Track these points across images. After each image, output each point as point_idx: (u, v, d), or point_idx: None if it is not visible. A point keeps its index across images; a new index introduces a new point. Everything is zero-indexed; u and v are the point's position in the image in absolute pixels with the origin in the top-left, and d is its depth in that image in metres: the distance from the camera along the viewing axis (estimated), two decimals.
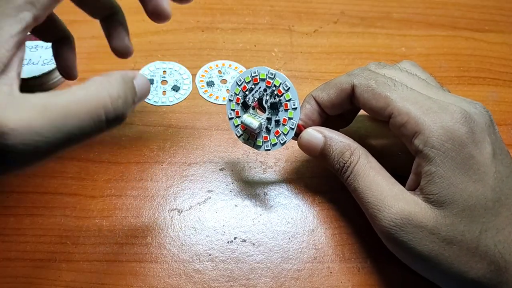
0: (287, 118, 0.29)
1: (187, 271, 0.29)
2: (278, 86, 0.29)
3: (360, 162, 0.28)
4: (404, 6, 0.46)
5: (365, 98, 0.28)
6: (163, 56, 0.41)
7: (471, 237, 0.24)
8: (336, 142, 0.29)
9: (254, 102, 0.30)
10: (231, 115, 0.31)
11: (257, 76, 0.30)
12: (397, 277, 0.30)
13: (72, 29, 0.37)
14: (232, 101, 0.31)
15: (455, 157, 0.24)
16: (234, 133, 0.31)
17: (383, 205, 0.26)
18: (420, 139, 0.25)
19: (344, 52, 0.42)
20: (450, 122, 0.25)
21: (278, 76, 0.29)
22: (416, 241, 0.25)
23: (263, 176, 0.34)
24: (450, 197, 0.24)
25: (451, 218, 0.24)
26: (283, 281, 0.29)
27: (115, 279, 0.29)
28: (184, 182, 0.33)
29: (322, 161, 0.30)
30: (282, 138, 0.29)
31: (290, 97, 0.29)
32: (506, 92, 0.40)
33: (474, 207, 0.24)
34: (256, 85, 0.30)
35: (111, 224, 0.31)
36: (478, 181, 0.25)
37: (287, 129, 0.29)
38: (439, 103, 0.26)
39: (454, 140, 0.25)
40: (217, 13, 0.44)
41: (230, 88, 0.31)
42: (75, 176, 0.33)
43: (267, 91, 0.29)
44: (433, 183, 0.25)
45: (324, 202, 0.33)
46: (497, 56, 0.43)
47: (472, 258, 0.24)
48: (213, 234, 0.31)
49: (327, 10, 0.45)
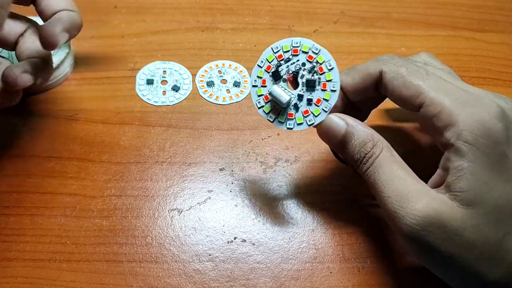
0: (322, 99, 0.27)
1: (187, 271, 0.29)
2: (321, 63, 0.27)
3: (383, 155, 0.26)
4: (404, 6, 0.46)
5: (394, 86, 0.26)
6: (163, 56, 0.41)
7: (495, 240, 0.23)
8: (358, 131, 0.26)
9: (288, 74, 0.27)
10: (255, 82, 0.28)
11: (299, 47, 0.27)
12: (397, 277, 0.30)
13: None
14: (262, 68, 0.28)
15: (489, 153, 0.23)
16: (254, 103, 0.28)
17: (406, 200, 0.24)
18: (453, 132, 0.24)
19: (344, 52, 0.42)
20: (487, 116, 0.23)
21: (322, 52, 0.27)
22: (438, 243, 0.23)
23: (263, 176, 0.34)
24: (480, 196, 0.23)
25: (477, 219, 0.23)
26: (283, 281, 0.29)
27: (115, 279, 0.29)
28: (184, 182, 0.33)
29: (340, 150, 0.28)
30: (310, 119, 0.27)
31: (332, 78, 0.27)
32: (506, 92, 0.40)
33: (502, 208, 0.23)
34: (294, 57, 0.27)
35: (111, 224, 0.31)
36: (508, 182, 0.23)
37: (319, 111, 0.27)
38: (474, 96, 0.24)
39: (490, 136, 0.23)
40: (217, 13, 0.44)
41: (263, 53, 0.28)
42: (75, 176, 0.33)
43: (305, 66, 0.27)
44: (463, 179, 0.23)
45: (324, 202, 0.33)
46: (497, 56, 0.43)
47: (493, 261, 0.23)
48: (213, 234, 0.31)
49: (327, 10, 0.45)
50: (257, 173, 0.34)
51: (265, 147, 0.35)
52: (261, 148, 0.35)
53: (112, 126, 0.36)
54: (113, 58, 0.40)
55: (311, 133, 0.36)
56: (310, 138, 0.36)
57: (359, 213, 0.32)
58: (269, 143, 0.36)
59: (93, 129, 0.36)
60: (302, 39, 0.27)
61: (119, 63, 0.40)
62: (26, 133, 0.35)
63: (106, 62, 0.40)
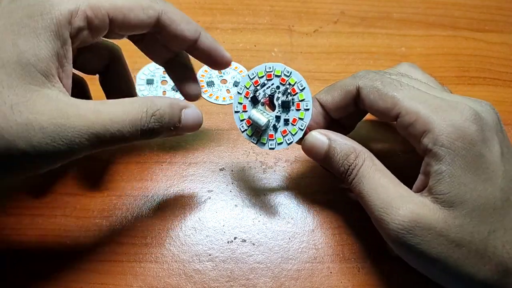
0: (297, 118, 0.28)
1: (187, 271, 0.29)
2: (293, 85, 0.28)
3: (365, 165, 0.27)
4: (404, 6, 0.46)
5: (371, 100, 0.27)
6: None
7: (480, 238, 0.24)
8: (340, 145, 0.28)
9: (265, 98, 0.29)
10: (237, 108, 0.30)
11: (272, 72, 0.29)
12: (397, 277, 0.30)
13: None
14: (241, 94, 0.30)
15: (465, 155, 0.24)
16: (238, 127, 0.30)
17: (390, 207, 0.25)
18: (429, 138, 0.25)
19: (344, 52, 0.42)
20: (460, 120, 0.24)
21: (294, 74, 0.28)
22: (425, 244, 0.24)
23: (263, 176, 0.34)
24: (460, 196, 0.24)
25: (460, 219, 0.24)
26: (283, 281, 0.29)
27: (115, 279, 0.29)
28: (184, 182, 0.33)
29: (326, 164, 0.29)
30: (289, 138, 0.29)
31: (304, 98, 0.28)
32: (506, 92, 0.40)
33: (484, 207, 0.24)
34: (269, 81, 0.29)
35: (111, 224, 0.31)
36: (487, 180, 0.24)
37: (296, 130, 0.28)
38: (448, 102, 0.25)
39: (465, 139, 0.24)
40: (217, 13, 0.44)
41: (241, 80, 0.30)
42: (75, 176, 0.33)
43: (280, 89, 0.29)
44: (443, 182, 0.24)
45: (324, 202, 0.33)
46: (497, 56, 0.43)
47: (481, 259, 0.24)
48: (213, 234, 0.31)
49: (327, 10, 0.45)
50: (257, 173, 0.34)
51: None
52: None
53: None
54: None
55: None
56: None
57: (359, 213, 0.32)
58: None
59: None
60: (275, 63, 0.29)
61: None
62: None
63: None
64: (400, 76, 0.28)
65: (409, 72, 0.30)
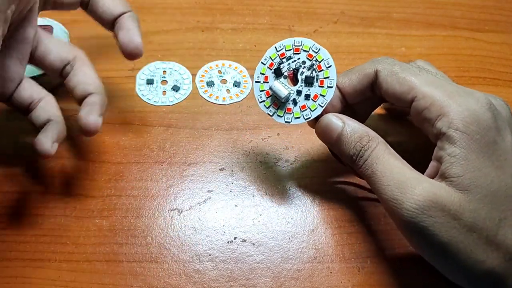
0: (319, 95, 0.28)
1: (187, 271, 0.29)
2: (320, 61, 0.28)
3: (379, 147, 0.27)
4: (404, 6, 0.46)
5: (388, 83, 0.27)
6: (163, 56, 0.41)
7: (491, 224, 0.24)
8: (354, 128, 0.28)
9: (289, 71, 0.29)
10: (258, 78, 0.30)
11: (300, 46, 0.29)
12: (397, 277, 0.30)
13: (72, 29, 0.37)
14: (265, 65, 0.30)
15: (479, 140, 0.24)
16: (256, 97, 0.30)
17: (406, 186, 0.25)
18: (444, 121, 0.25)
19: (344, 52, 0.42)
20: (476, 105, 0.25)
21: (322, 51, 0.28)
22: (437, 227, 0.24)
23: (263, 176, 0.34)
24: (475, 180, 0.24)
25: (474, 204, 0.24)
26: (283, 281, 0.29)
27: (115, 279, 0.29)
28: (184, 182, 0.33)
29: (336, 147, 0.29)
30: (307, 114, 0.28)
31: (329, 75, 0.28)
32: (506, 92, 0.40)
33: (496, 193, 0.24)
34: (295, 55, 0.29)
35: (111, 224, 0.31)
36: (500, 168, 0.24)
37: (316, 106, 0.28)
38: (464, 89, 0.26)
39: (480, 123, 0.24)
40: (217, 13, 0.44)
41: (267, 52, 0.30)
42: (75, 176, 0.33)
43: (305, 64, 0.29)
44: (457, 164, 0.24)
45: (324, 202, 0.33)
46: (497, 56, 0.43)
47: (490, 246, 0.24)
48: (213, 234, 0.31)
49: (327, 10, 0.45)
50: (257, 173, 0.34)
51: (265, 147, 0.35)
52: (261, 148, 0.35)
53: (112, 126, 0.36)
54: (113, 58, 0.40)
55: (311, 133, 0.36)
56: (310, 138, 0.36)
57: (359, 213, 0.32)
58: (269, 143, 0.36)
59: None
60: (304, 39, 0.29)
61: (119, 63, 0.39)
62: (26, 133, 0.35)
63: (106, 62, 0.40)
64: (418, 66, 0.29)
65: (425, 67, 0.30)
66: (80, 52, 0.31)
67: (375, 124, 0.36)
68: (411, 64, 0.29)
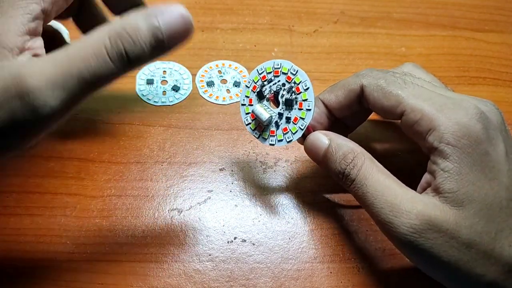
0: (298, 117, 0.28)
1: (187, 271, 0.29)
2: (298, 84, 0.28)
3: (366, 166, 0.26)
4: (404, 6, 0.46)
5: (375, 98, 0.27)
6: (163, 56, 0.40)
7: (488, 238, 0.24)
8: (339, 145, 0.27)
9: (270, 94, 0.29)
10: (244, 101, 0.30)
11: (279, 68, 0.29)
12: (397, 277, 0.30)
13: (72, 29, 0.37)
14: (249, 88, 0.30)
15: (471, 153, 0.24)
16: (243, 120, 0.30)
17: (400, 210, 0.24)
18: (435, 136, 0.25)
19: (344, 52, 0.42)
20: (465, 118, 0.24)
21: (300, 73, 0.28)
22: (436, 248, 0.23)
23: (263, 176, 0.34)
24: (469, 195, 0.24)
25: (470, 219, 0.24)
26: (283, 281, 0.29)
27: (115, 279, 0.29)
28: (184, 182, 0.33)
29: (324, 166, 0.28)
30: (288, 136, 0.29)
31: (307, 98, 0.28)
32: (506, 92, 0.40)
33: (491, 206, 0.24)
34: (276, 77, 0.29)
35: (111, 224, 0.31)
36: (493, 179, 0.24)
37: (296, 128, 0.28)
38: (453, 100, 0.25)
39: (470, 136, 0.24)
40: (217, 13, 0.44)
41: (250, 74, 0.30)
42: (75, 176, 0.33)
43: (285, 86, 0.29)
44: (451, 180, 0.24)
45: (324, 202, 0.33)
46: (497, 56, 0.43)
47: (489, 260, 0.24)
48: (213, 234, 0.31)
49: (327, 10, 0.45)
50: (257, 173, 0.34)
51: (265, 147, 0.35)
52: (261, 148, 0.35)
53: (112, 126, 0.36)
54: None
55: None
56: None
57: (359, 212, 0.32)
58: None
59: (93, 129, 0.36)
60: (283, 61, 0.29)
61: None
62: None
63: None
64: (404, 75, 0.28)
65: (413, 72, 0.29)
66: None
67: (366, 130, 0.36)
68: (396, 73, 0.28)
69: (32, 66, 0.21)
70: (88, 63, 0.21)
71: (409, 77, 0.28)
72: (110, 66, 0.22)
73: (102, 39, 0.22)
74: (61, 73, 0.21)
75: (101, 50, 0.21)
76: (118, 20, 0.22)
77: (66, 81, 0.21)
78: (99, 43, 0.21)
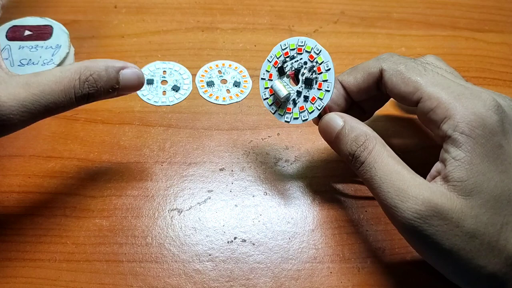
0: (317, 97, 0.28)
1: (187, 271, 0.29)
2: (320, 63, 0.28)
3: (376, 150, 0.26)
4: (404, 6, 0.46)
5: (393, 83, 0.27)
6: (163, 56, 0.41)
7: (493, 230, 0.24)
8: (353, 127, 0.27)
9: (291, 71, 0.29)
10: (264, 75, 0.30)
11: (303, 46, 0.29)
12: (397, 277, 0.30)
13: (72, 29, 0.37)
14: (270, 63, 0.30)
15: (485, 144, 0.24)
16: (260, 94, 0.31)
17: (406, 195, 0.24)
18: (450, 124, 0.25)
19: (344, 52, 0.42)
20: (483, 108, 0.24)
21: (323, 53, 0.28)
22: (439, 235, 0.23)
23: (263, 176, 0.34)
24: (478, 185, 0.24)
25: (476, 209, 0.23)
26: (283, 281, 0.29)
27: (115, 279, 0.29)
28: (184, 182, 0.33)
29: (335, 147, 0.28)
30: (304, 115, 0.29)
31: (327, 78, 0.28)
32: (506, 92, 0.40)
33: (499, 198, 0.24)
34: (299, 55, 0.29)
35: (111, 224, 0.31)
36: (504, 172, 0.24)
37: (313, 108, 0.28)
38: (471, 90, 0.25)
39: (485, 127, 0.24)
40: (217, 13, 0.44)
41: (273, 49, 0.30)
42: (75, 176, 0.33)
43: (307, 64, 0.29)
44: (462, 168, 0.24)
45: (324, 202, 0.33)
46: (497, 56, 0.43)
47: (491, 252, 0.24)
48: (213, 234, 0.31)
49: (327, 10, 0.45)
50: (257, 173, 0.34)
51: (265, 147, 0.35)
52: (261, 148, 0.35)
53: (112, 126, 0.36)
54: (113, 58, 0.40)
55: (311, 133, 0.36)
56: (310, 138, 0.36)
57: (359, 213, 0.32)
58: (269, 143, 0.36)
59: (93, 129, 0.36)
60: (307, 39, 0.29)
61: None
62: (26, 133, 0.35)
63: None
64: (426, 63, 0.28)
65: (435, 63, 0.29)
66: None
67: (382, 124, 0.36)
68: (417, 60, 0.28)
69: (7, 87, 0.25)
70: (56, 98, 0.26)
71: (430, 65, 0.28)
72: (73, 103, 0.27)
73: (73, 80, 0.26)
74: (31, 100, 0.25)
75: (70, 90, 0.26)
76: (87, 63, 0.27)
77: (34, 107, 0.25)
78: (70, 83, 0.26)
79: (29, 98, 0.25)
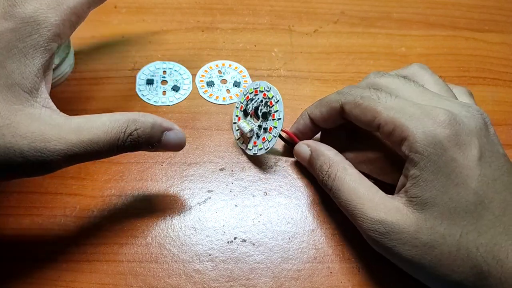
0: (272, 127, 0.32)
1: (187, 271, 0.29)
2: (271, 98, 0.33)
3: (338, 176, 0.29)
4: (404, 6, 0.46)
5: (354, 114, 0.29)
6: (163, 56, 0.41)
7: (452, 240, 0.25)
8: (318, 155, 0.31)
9: (251, 110, 0.34)
10: (234, 119, 0.35)
11: (258, 88, 0.34)
12: (397, 277, 0.30)
13: None
14: (238, 108, 0.35)
15: (436, 161, 0.25)
16: (234, 136, 0.35)
17: (366, 216, 0.27)
18: (406, 145, 0.26)
19: (344, 52, 0.42)
20: (432, 126, 0.26)
21: (272, 89, 0.33)
22: (400, 247, 0.26)
23: (263, 176, 0.34)
24: (432, 199, 0.25)
25: (431, 221, 0.25)
26: (283, 281, 0.29)
27: (115, 279, 0.29)
28: (184, 182, 0.33)
29: (311, 171, 0.32)
30: (266, 145, 0.32)
31: (278, 109, 0.32)
32: (506, 92, 0.40)
33: (455, 210, 0.25)
34: (256, 96, 0.34)
35: (111, 224, 0.31)
36: (460, 184, 0.25)
37: (271, 137, 0.32)
38: (423, 108, 0.26)
39: (435, 145, 0.25)
40: (217, 13, 0.44)
41: (238, 97, 0.35)
42: (75, 176, 0.33)
43: (262, 102, 0.33)
44: (417, 186, 0.26)
45: (324, 202, 0.33)
46: (497, 56, 0.43)
47: (454, 261, 0.25)
48: (213, 234, 0.31)
49: (327, 10, 0.45)
50: (257, 173, 0.34)
51: None
52: None
53: None
54: (113, 58, 0.40)
55: None
56: None
57: None
58: None
59: None
60: (261, 81, 0.34)
61: (119, 63, 0.40)
62: None
63: (106, 62, 0.40)
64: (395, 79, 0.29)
65: (418, 74, 0.31)
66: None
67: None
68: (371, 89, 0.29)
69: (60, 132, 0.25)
70: (101, 147, 0.26)
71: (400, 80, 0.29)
72: (113, 153, 0.27)
73: (120, 132, 0.26)
74: (79, 147, 0.25)
75: (114, 142, 0.26)
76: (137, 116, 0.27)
77: (80, 153, 0.25)
78: (116, 135, 0.26)
79: (78, 145, 0.25)
